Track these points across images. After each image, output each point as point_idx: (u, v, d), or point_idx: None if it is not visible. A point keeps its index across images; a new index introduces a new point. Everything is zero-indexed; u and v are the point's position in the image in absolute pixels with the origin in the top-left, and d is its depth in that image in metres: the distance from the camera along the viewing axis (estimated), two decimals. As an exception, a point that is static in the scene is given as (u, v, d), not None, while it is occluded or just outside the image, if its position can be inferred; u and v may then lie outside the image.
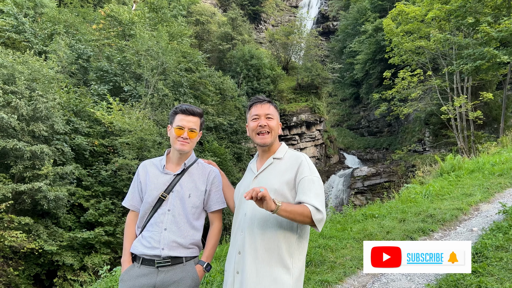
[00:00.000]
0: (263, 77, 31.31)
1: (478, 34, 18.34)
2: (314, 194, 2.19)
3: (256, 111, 2.46)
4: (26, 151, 12.10)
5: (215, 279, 4.96)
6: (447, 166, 11.95)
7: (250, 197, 1.94)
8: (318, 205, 2.14)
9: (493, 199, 8.78)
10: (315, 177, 2.28)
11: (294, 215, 2.08)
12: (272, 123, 2.43)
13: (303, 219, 2.11)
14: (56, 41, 18.06)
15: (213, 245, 2.65)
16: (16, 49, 16.73)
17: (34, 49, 17.16)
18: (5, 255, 12.13)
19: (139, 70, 19.47)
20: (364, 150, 37.58)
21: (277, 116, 2.51)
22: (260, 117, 2.43)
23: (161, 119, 18.59)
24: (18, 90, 12.79)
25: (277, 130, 2.48)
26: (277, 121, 2.48)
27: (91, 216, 13.75)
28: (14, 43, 17.97)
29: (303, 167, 2.29)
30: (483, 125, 23.15)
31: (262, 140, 2.41)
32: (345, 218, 8.26)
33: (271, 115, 2.45)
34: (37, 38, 18.83)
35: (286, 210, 2.05)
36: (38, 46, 18.27)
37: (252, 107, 2.50)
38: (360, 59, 34.58)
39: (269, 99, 2.53)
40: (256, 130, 2.42)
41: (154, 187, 2.54)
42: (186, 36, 26.51)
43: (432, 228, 6.95)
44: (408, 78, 22.21)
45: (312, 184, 2.23)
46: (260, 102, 2.48)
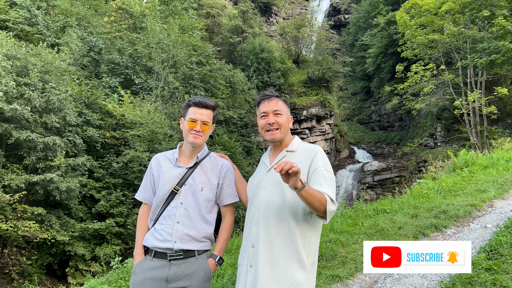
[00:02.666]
0: (273, 71, 31.14)
1: (493, 28, 17.98)
2: (329, 186, 2.17)
3: (264, 108, 2.43)
4: (39, 143, 12.23)
5: (226, 272, 4.96)
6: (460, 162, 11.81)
7: (280, 170, 1.88)
8: (333, 196, 2.13)
9: (507, 195, 8.65)
10: (329, 170, 2.26)
11: (313, 199, 2.03)
12: (281, 119, 2.40)
13: (319, 206, 2.07)
14: (68, 34, 18.15)
15: (225, 239, 2.64)
16: (29, 42, 16.85)
17: (47, 41, 17.25)
18: (18, 245, 12.33)
19: (150, 63, 19.50)
20: (375, 145, 37.30)
21: (287, 111, 2.47)
22: (268, 114, 2.40)
23: (172, 112, 18.63)
24: (31, 82, 12.90)
25: (287, 125, 2.44)
26: (286, 116, 2.44)
27: (102, 207, 13.88)
28: (27, 36, 18.10)
29: (317, 159, 2.27)
30: (497, 120, 22.78)
31: (271, 137, 2.39)
32: (356, 213, 8.21)
33: (279, 111, 2.41)
34: (49, 31, 18.94)
35: (309, 192, 2.01)
36: (51, 38, 18.38)
37: (260, 104, 2.48)
38: (372, 53, 34.20)
39: (277, 94, 2.49)
40: (265, 127, 2.40)
41: (167, 180, 2.53)
42: (197, 29, 26.45)
43: (445, 224, 6.88)
44: (421, 72, 21.90)
45: (327, 176, 2.21)
46: (268, 98, 2.45)
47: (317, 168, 2.22)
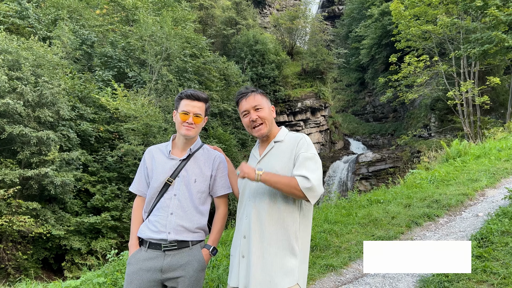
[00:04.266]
0: (267, 63, 31.06)
1: (487, 18, 18.05)
2: (305, 167, 2.18)
3: (244, 106, 2.43)
4: (32, 137, 12.18)
5: (221, 263, 5.01)
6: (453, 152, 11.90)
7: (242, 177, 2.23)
8: (307, 174, 2.13)
9: (499, 184, 8.75)
10: (311, 153, 2.26)
11: (280, 185, 2.15)
12: (262, 113, 2.40)
13: (290, 190, 2.13)
14: (60, 27, 17.98)
15: (219, 230, 2.67)
16: (20, 35, 16.67)
17: (38, 34, 17.07)
18: (13, 240, 12.32)
19: (143, 55, 19.39)
20: (369, 136, 37.45)
21: (266, 103, 2.47)
22: (249, 112, 2.41)
23: (166, 105, 18.58)
24: (23, 76, 12.81)
25: (270, 116, 2.44)
26: (267, 109, 2.44)
27: (97, 201, 13.89)
28: (18, 29, 17.91)
29: (300, 145, 2.29)
30: (490, 110, 22.95)
31: (259, 133, 2.40)
32: (350, 203, 8.27)
33: (259, 105, 2.41)
34: (41, 24, 18.75)
35: (271, 180, 2.16)
36: (42, 31, 18.20)
37: (239, 103, 2.47)
38: (366, 44, 34.21)
39: (252, 88, 2.49)
40: (250, 125, 2.41)
41: (160, 172, 2.56)
42: (190, 21, 26.27)
43: (437, 213, 6.96)
44: (414, 64, 21.96)
45: (307, 160, 2.21)
46: (244, 96, 2.45)
47: (299, 154, 2.25)
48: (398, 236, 6.05)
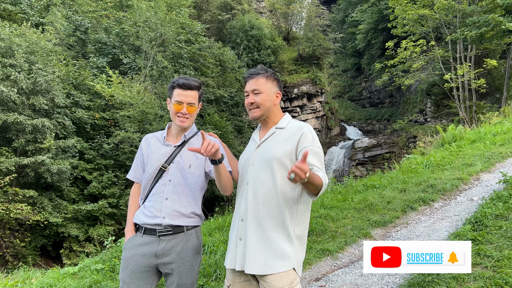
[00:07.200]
0: (263, 48, 30.81)
1: (483, 2, 17.92)
2: (320, 165, 2.18)
3: (246, 87, 2.45)
4: (27, 125, 12.11)
5: (219, 248, 5.05)
6: (448, 137, 11.96)
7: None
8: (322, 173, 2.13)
9: (494, 168, 8.82)
10: (317, 148, 2.27)
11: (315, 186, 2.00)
12: (259, 98, 2.38)
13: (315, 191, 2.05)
14: (52, 13, 17.68)
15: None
16: (13, 21, 16.42)
17: (31, 21, 16.80)
18: (11, 227, 12.35)
19: (138, 42, 19.17)
20: (366, 122, 37.46)
21: (269, 88, 2.42)
22: (249, 94, 2.42)
23: (161, 92, 18.46)
24: (17, 63, 12.66)
25: (268, 102, 2.40)
26: (266, 94, 2.40)
27: (94, 189, 13.90)
28: (10, 15, 17.62)
29: (305, 137, 2.27)
30: (486, 95, 22.97)
31: (251, 115, 2.42)
32: (346, 188, 8.33)
33: (258, 89, 2.38)
34: (33, 10, 18.46)
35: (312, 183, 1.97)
36: (35, 18, 17.92)
37: (246, 83, 2.48)
38: (362, 29, 33.93)
39: (260, 70, 2.45)
40: (248, 107, 2.44)
41: (155, 158, 2.58)
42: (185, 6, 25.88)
43: (432, 198, 7.03)
44: (411, 48, 21.84)
45: (315, 155, 2.22)
46: (250, 77, 2.44)
47: (305, 147, 2.22)
48: (393, 220, 6.12)
